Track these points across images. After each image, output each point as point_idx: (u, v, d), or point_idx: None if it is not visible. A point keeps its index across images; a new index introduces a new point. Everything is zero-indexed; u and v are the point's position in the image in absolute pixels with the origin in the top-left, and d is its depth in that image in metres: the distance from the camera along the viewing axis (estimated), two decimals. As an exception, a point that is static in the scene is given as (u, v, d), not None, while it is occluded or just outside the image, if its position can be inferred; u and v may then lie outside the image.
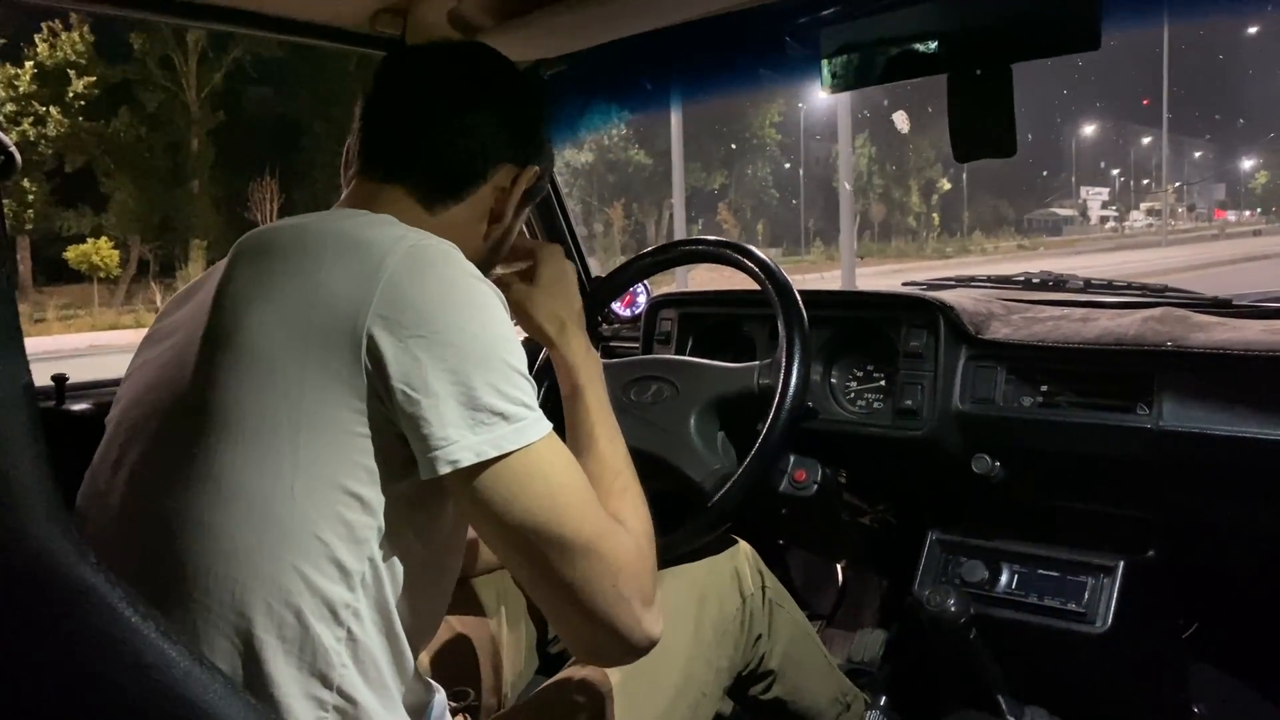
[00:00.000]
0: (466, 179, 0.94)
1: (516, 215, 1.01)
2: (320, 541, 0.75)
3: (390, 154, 0.94)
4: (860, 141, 39.48)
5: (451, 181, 0.94)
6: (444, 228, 0.93)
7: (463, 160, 0.94)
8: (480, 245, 0.99)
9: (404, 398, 0.75)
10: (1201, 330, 1.36)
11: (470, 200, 0.95)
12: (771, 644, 1.24)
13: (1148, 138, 73.31)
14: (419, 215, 0.93)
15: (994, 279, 1.82)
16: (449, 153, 0.93)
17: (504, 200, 0.97)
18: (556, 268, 1.10)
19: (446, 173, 0.94)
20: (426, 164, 0.93)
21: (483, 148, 0.94)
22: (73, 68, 20.24)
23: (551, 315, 1.07)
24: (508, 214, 0.98)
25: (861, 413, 1.63)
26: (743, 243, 1.40)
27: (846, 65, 1.35)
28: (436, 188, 0.94)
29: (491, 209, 0.97)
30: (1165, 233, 40.28)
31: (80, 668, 0.59)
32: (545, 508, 0.78)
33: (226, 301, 0.81)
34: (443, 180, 0.94)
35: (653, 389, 1.39)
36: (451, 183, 0.94)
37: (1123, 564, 1.39)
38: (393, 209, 0.91)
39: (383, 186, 0.93)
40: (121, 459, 0.84)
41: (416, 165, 0.93)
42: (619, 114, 1.73)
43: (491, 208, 0.97)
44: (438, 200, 0.94)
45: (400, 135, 0.94)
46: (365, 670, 0.79)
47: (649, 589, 0.85)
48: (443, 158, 0.93)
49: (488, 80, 0.97)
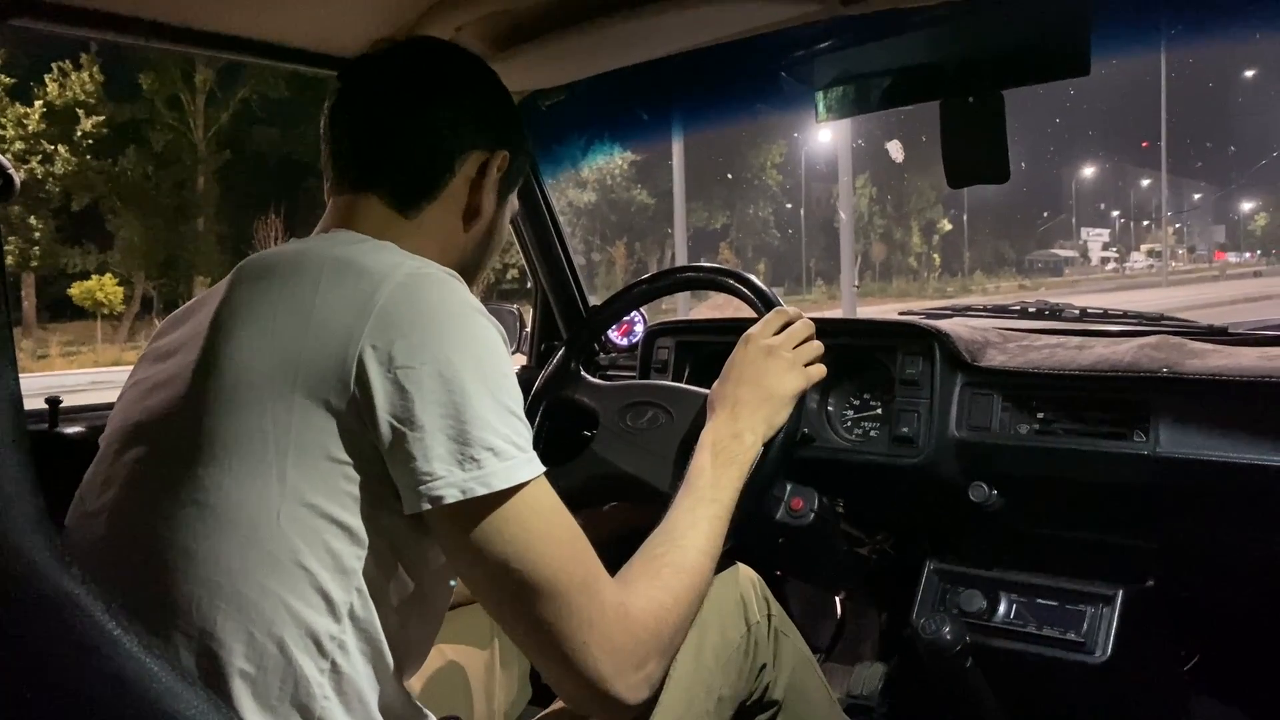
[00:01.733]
0: (434, 175, 0.94)
1: (499, 207, 1.01)
2: (305, 570, 0.74)
3: (357, 164, 0.94)
4: (861, 182, 39.75)
5: (419, 181, 0.94)
6: (424, 231, 0.94)
7: (426, 156, 0.94)
8: (465, 244, 0.99)
9: (391, 430, 0.74)
10: (1197, 357, 1.36)
11: (443, 198, 0.95)
12: (776, 674, 1.22)
13: (1147, 180, 73.85)
14: (396, 221, 0.93)
15: (990, 308, 1.83)
16: (411, 152, 0.93)
17: (478, 191, 0.97)
18: (742, 351, 1.20)
19: (413, 172, 0.94)
20: (392, 168, 0.93)
21: (443, 140, 0.94)
22: (81, 107, 20.51)
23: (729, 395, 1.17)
24: (485, 206, 0.98)
25: (858, 441, 1.62)
26: (738, 269, 1.41)
27: (841, 94, 1.37)
28: (407, 190, 0.93)
29: (467, 203, 0.97)
30: (1166, 273, 40.38)
31: (59, 678, 0.58)
32: (524, 550, 0.77)
33: (222, 325, 0.81)
34: (411, 181, 0.94)
35: (648, 415, 1.39)
36: (420, 182, 0.94)
37: (1122, 593, 1.37)
38: (370, 219, 0.92)
39: (357, 198, 0.94)
40: (110, 479, 0.84)
41: (383, 170, 0.93)
42: (617, 145, 1.75)
43: (467, 202, 0.97)
44: (410, 203, 0.94)
45: (362, 143, 0.94)
46: (349, 702, 0.78)
47: (629, 653, 0.82)
48: (406, 158, 0.93)
49: (440, 72, 0.97)
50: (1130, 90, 68.47)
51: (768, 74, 1.49)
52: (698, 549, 0.97)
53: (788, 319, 1.25)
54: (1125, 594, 1.37)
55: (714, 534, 1.01)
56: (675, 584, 0.91)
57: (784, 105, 1.51)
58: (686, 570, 0.94)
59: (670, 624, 0.88)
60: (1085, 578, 1.42)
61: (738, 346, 1.22)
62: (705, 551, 0.98)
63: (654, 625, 0.86)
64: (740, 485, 1.08)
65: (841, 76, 1.38)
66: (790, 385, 1.18)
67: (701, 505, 1.03)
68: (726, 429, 1.13)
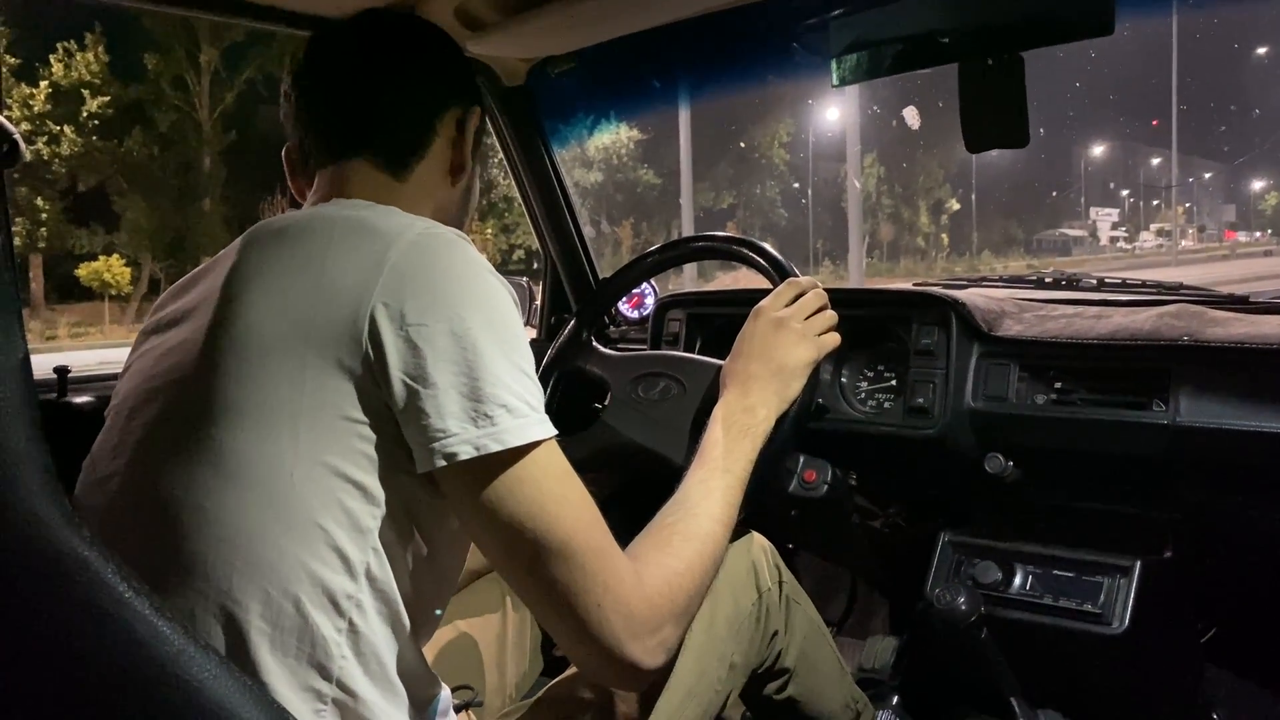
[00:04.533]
0: (420, 133, 0.97)
1: (474, 163, 1.04)
2: (321, 529, 0.74)
3: (341, 128, 0.95)
4: (869, 161, 39.53)
5: (407, 141, 0.96)
6: (417, 191, 0.96)
7: (410, 116, 0.96)
8: (453, 201, 1.02)
9: (404, 388, 0.73)
10: (1219, 325, 1.34)
11: (429, 156, 0.97)
12: (788, 641, 1.21)
13: (1157, 159, 73.32)
14: (390, 185, 0.95)
15: (1006, 279, 1.81)
16: (396, 112, 0.96)
17: (461, 147, 1.00)
18: (751, 325, 1.20)
19: (399, 133, 0.96)
20: (378, 130, 0.95)
21: (424, 99, 0.97)
22: (87, 87, 20.47)
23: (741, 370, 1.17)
24: (466, 160, 1.01)
25: (872, 412, 1.60)
26: (751, 237, 1.39)
27: (856, 57, 1.34)
28: (396, 151, 0.95)
29: (451, 160, 1.00)
30: (1175, 253, 40.19)
31: (70, 641, 0.57)
32: (537, 511, 0.76)
33: (233, 289, 0.81)
34: (399, 142, 0.96)
35: (660, 385, 1.38)
36: (407, 142, 0.96)
37: (1139, 564, 1.36)
38: (365, 184, 0.93)
39: (346, 165, 0.95)
40: (122, 444, 0.83)
41: (369, 133, 0.95)
42: (627, 114, 1.73)
43: (451, 158, 1.00)
44: (401, 164, 0.96)
45: (345, 107, 0.95)
46: (366, 663, 0.77)
47: (644, 619, 0.81)
48: (392, 119, 0.95)
49: (407, 37, 0.99)
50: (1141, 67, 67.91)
51: (781, 36, 1.47)
52: (711, 517, 0.96)
53: (800, 290, 1.23)
54: (1143, 565, 1.36)
55: (727, 504, 1.00)
56: (687, 551, 0.90)
57: (799, 69, 1.49)
58: (699, 538, 0.93)
59: (684, 590, 0.87)
60: (1102, 549, 1.40)
61: (749, 319, 1.21)
62: (718, 520, 0.97)
63: (668, 591, 0.85)
64: (754, 457, 1.07)
65: (857, 42, 1.35)
66: (802, 357, 1.17)
67: (715, 476, 1.02)
68: (739, 403, 1.12)
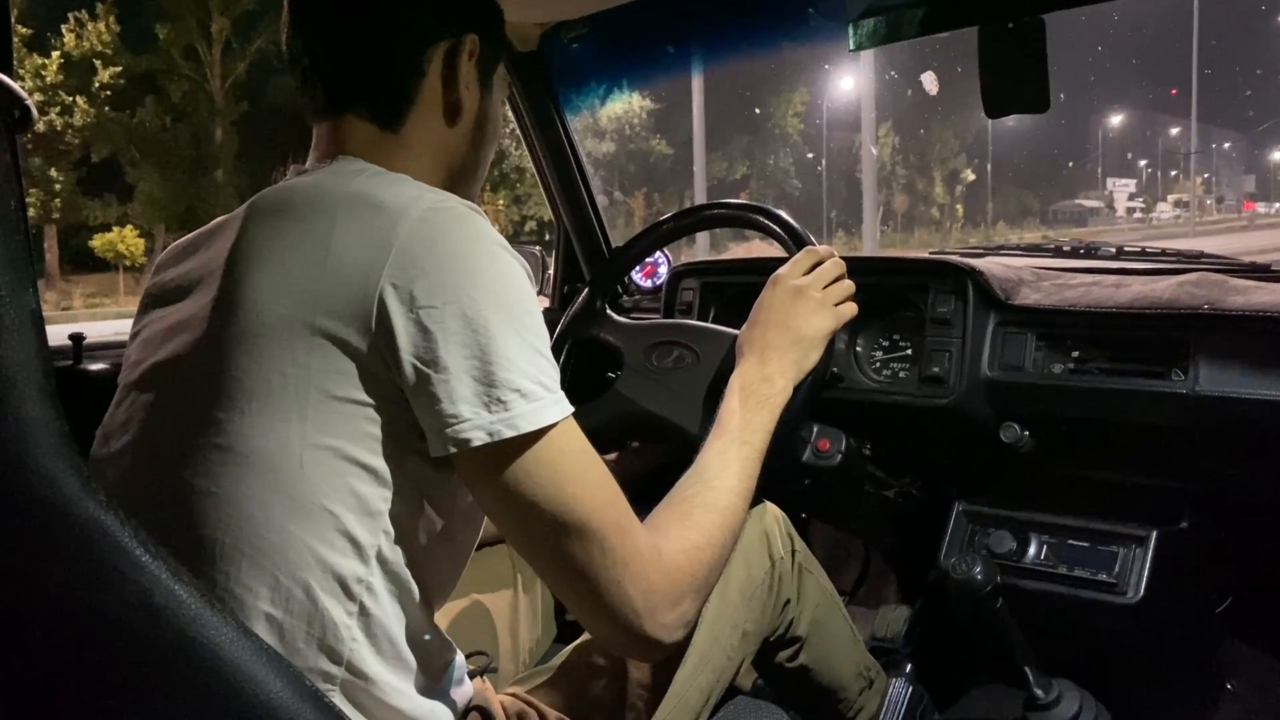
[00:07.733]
0: (403, 78, 0.90)
1: (483, 97, 0.96)
2: (330, 514, 0.73)
3: (322, 85, 0.90)
4: (883, 131, 39.17)
5: (390, 88, 0.90)
6: (414, 141, 0.91)
7: (388, 60, 0.89)
8: (457, 145, 0.95)
9: (414, 371, 0.72)
10: (1239, 294, 1.32)
11: (421, 101, 0.91)
12: (800, 610, 1.21)
13: (1176, 129, 72.31)
14: (384, 139, 0.90)
15: (1024, 248, 1.79)
16: (372, 59, 0.89)
17: (453, 85, 0.92)
18: (769, 293, 1.19)
19: (380, 81, 0.90)
20: (358, 81, 0.89)
21: (401, 38, 0.90)
22: (99, 58, 20.43)
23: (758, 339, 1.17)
24: (465, 98, 0.93)
25: (887, 381, 1.59)
26: (766, 204, 1.37)
27: (873, 21, 1.32)
28: (382, 101, 0.90)
29: (444, 100, 0.92)
30: (1193, 224, 39.74)
31: (87, 605, 0.57)
32: (555, 493, 0.75)
33: (238, 265, 0.79)
34: (382, 91, 0.90)
35: (674, 354, 1.37)
36: (391, 90, 0.90)
37: (1155, 534, 1.35)
38: (358, 141, 0.89)
39: (339, 121, 0.90)
40: (130, 421, 0.83)
41: (350, 86, 0.90)
42: (640, 80, 1.71)
43: (444, 99, 0.92)
44: (391, 114, 0.90)
45: (321, 61, 0.90)
46: (378, 643, 0.77)
47: (663, 592, 0.81)
48: (370, 67, 0.89)
49: None
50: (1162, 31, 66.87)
51: (795, 4, 1.45)
52: (729, 489, 0.96)
53: (818, 258, 1.22)
54: (1158, 535, 1.35)
55: (745, 475, 1.00)
56: (707, 524, 0.90)
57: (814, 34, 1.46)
58: (718, 510, 0.93)
59: (704, 563, 0.87)
60: (1117, 519, 1.39)
61: (766, 288, 1.20)
62: (737, 492, 0.97)
63: (687, 564, 0.85)
64: (771, 428, 1.07)
65: (874, 5, 1.33)
66: (820, 326, 1.16)
67: (733, 447, 1.02)
68: (756, 373, 1.11)
